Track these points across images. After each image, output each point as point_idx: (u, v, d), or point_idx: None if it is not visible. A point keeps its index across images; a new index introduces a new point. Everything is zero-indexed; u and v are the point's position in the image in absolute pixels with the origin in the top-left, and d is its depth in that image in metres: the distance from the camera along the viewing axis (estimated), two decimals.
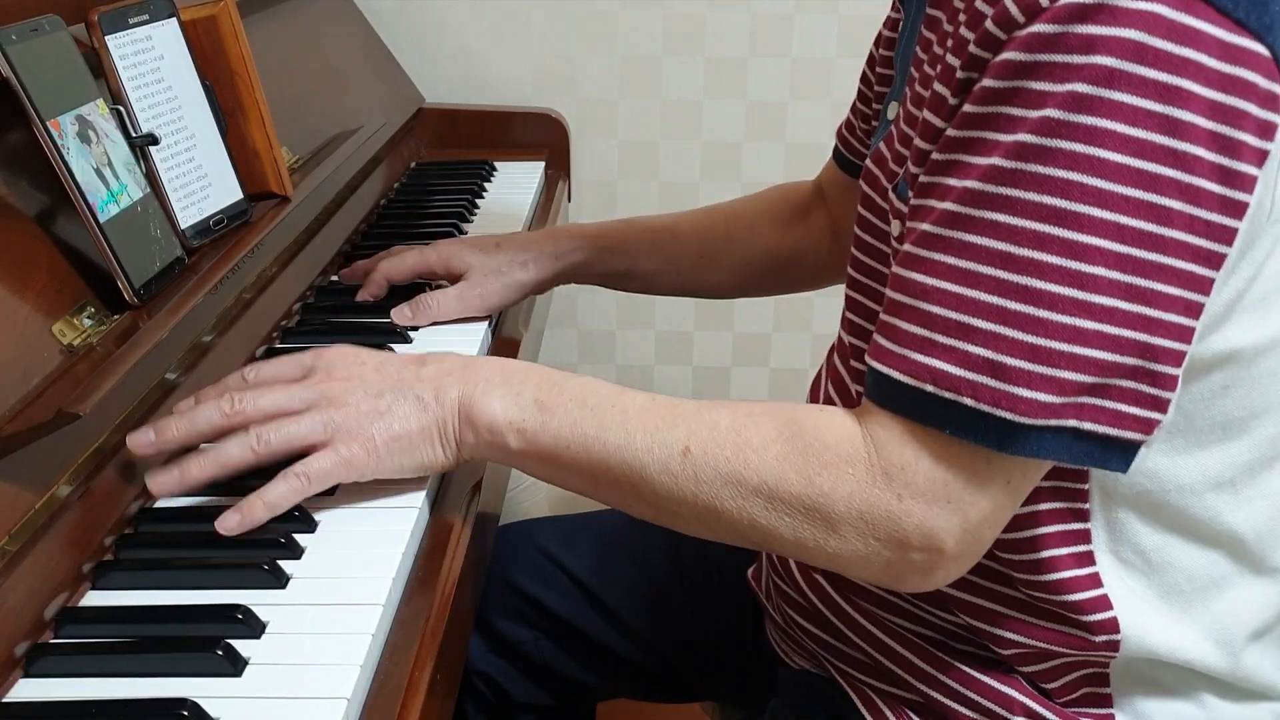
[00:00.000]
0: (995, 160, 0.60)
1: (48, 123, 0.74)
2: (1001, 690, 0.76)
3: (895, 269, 0.65)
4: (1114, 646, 0.72)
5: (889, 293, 0.65)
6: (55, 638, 0.65)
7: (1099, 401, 0.61)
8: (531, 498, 1.73)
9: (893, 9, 0.90)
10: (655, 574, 1.05)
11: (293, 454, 0.73)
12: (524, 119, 1.65)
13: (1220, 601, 0.74)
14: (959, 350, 0.61)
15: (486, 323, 1.06)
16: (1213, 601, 0.74)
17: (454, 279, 1.06)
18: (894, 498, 0.64)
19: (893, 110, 0.79)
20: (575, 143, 1.68)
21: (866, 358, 0.67)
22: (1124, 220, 0.59)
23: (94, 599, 0.69)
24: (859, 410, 0.67)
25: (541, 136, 1.64)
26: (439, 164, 1.55)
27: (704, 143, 1.75)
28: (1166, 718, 0.76)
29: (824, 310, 1.83)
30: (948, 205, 0.62)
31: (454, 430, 0.74)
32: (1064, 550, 0.71)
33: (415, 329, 1.04)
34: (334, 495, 0.77)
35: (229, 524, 0.71)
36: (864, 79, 0.97)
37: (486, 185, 1.48)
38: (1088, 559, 0.71)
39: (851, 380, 0.82)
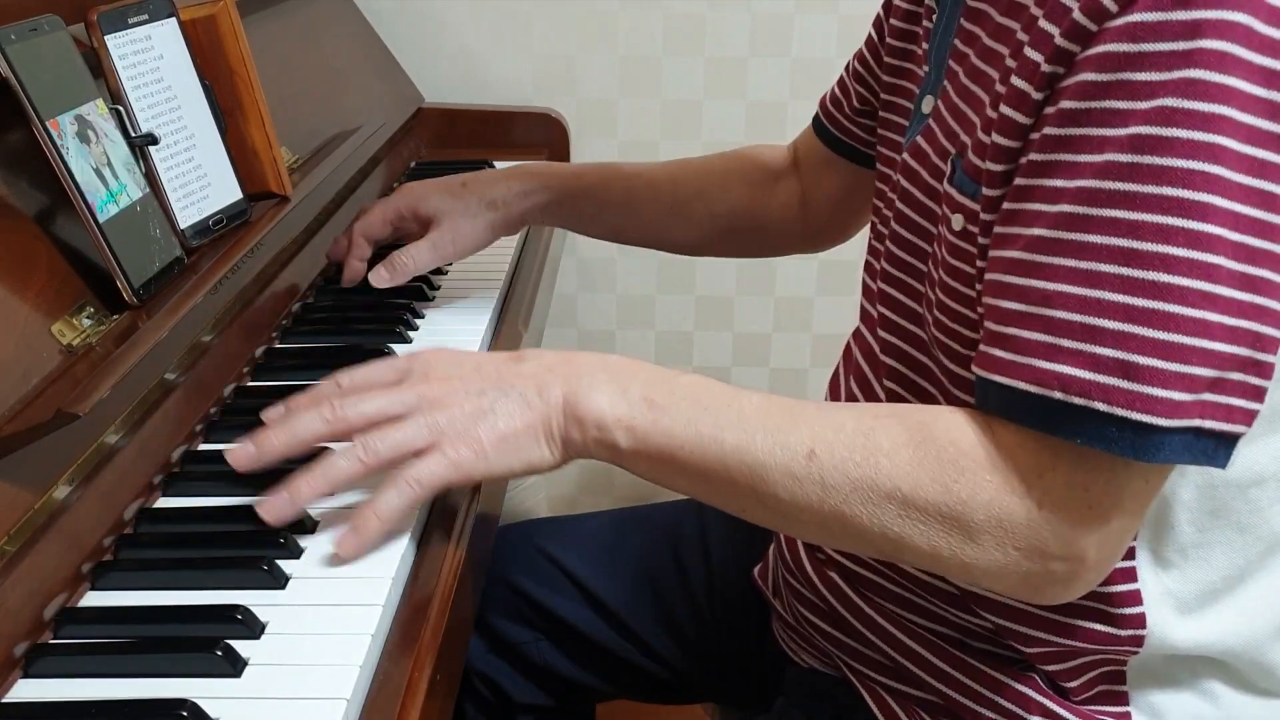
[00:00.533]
0: (1109, 156, 0.58)
1: (47, 123, 0.74)
2: (1019, 689, 0.76)
3: (1001, 277, 0.63)
4: (1138, 643, 0.72)
5: (998, 302, 0.63)
6: (55, 638, 0.65)
7: (1216, 397, 0.59)
8: (531, 497, 1.72)
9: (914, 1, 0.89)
10: (657, 574, 1.05)
11: (400, 461, 0.71)
12: (524, 119, 1.65)
13: (1246, 594, 0.74)
14: (1087, 353, 0.59)
15: (486, 323, 1.06)
16: (1239, 594, 0.73)
17: (424, 224, 1.05)
18: (1033, 505, 0.62)
19: (928, 104, 0.78)
20: (575, 143, 1.68)
21: (977, 370, 0.64)
22: (1239, 208, 0.57)
23: (93, 599, 0.69)
24: (985, 416, 0.65)
25: (541, 136, 1.64)
26: (439, 164, 1.55)
27: (704, 143, 1.75)
28: (1182, 714, 0.76)
29: (824, 310, 1.83)
30: (1062, 207, 0.60)
31: (559, 428, 0.71)
32: None
33: (415, 328, 1.04)
34: (333, 496, 0.77)
35: (348, 548, 0.69)
36: (864, 64, 0.96)
37: None
38: (1129, 554, 0.70)
39: (880, 378, 0.81)
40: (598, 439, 0.70)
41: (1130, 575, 0.71)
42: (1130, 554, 0.71)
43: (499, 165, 1.55)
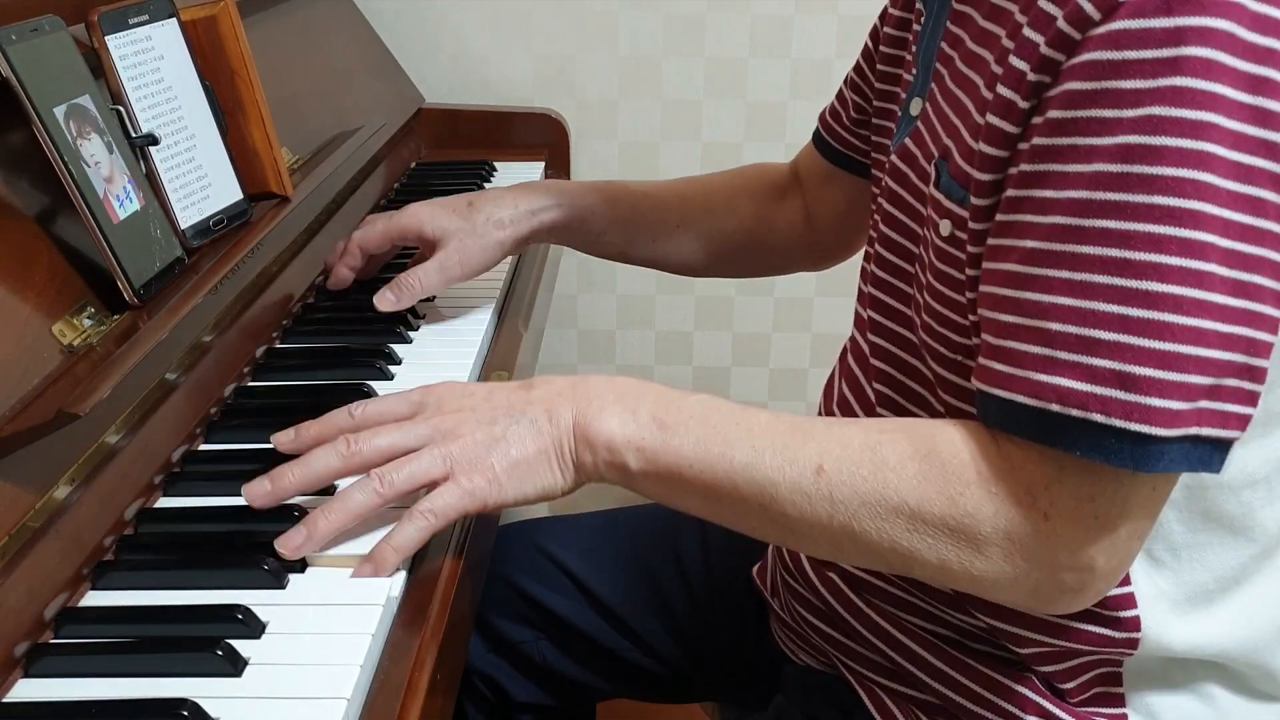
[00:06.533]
0: (1098, 165, 0.58)
1: (47, 123, 0.74)
2: (1016, 689, 0.76)
3: (998, 290, 0.63)
4: (1133, 644, 0.72)
5: (995, 315, 0.63)
6: (55, 638, 0.65)
7: (1212, 404, 0.59)
8: None
9: (896, 6, 0.89)
10: (656, 574, 1.05)
11: (415, 492, 0.72)
12: (524, 119, 1.65)
13: (1241, 598, 0.74)
14: (1083, 365, 0.59)
15: (487, 322, 1.06)
16: (1234, 598, 0.73)
17: (429, 245, 1.04)
18: (1040, 517, 0.62)
19: (916, 107, 0.78)
20: (575, 143, 1.68)
21: (977, 383, 0.64)
22: (1229, 215, 0.57)
23: (94, 599, 0.69)
24: (985, 430, 0.65)
25: (541, 137, 1.64)
26: (439, 164, 1.55)
27: (704, 143, 1.75)
28: (1178, 716, 0.76)
29: (824, 310, 1.83)
30: (1054, 219, 0.60)
31: (571, 451, 0.72)
32: None
33: (415, 328, 1.04)
34: (334, 494, 0.77)
35: (365, 574, 0.69)
36: (860, 72, 0.97)
37: (486, 186, 1.48)
38: None
39: (871, 380, 0.81)
40: (609, 461, 0.71)
41: (1124, 578, 0.71)
42: None
43: (499, 165, 1.55)
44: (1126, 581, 0.71)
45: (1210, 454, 0.60)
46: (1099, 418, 0.58)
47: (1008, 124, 0.63)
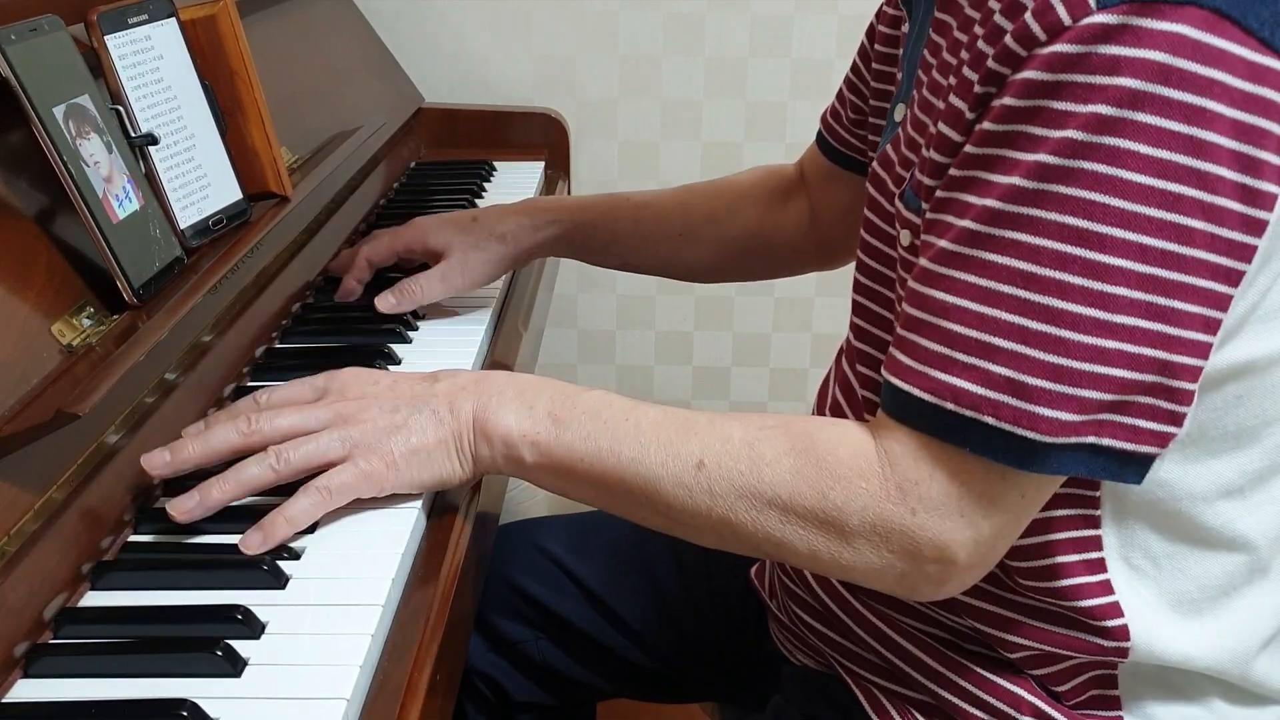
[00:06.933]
0: (1016, 180, 0.60)
1: (47, 123, 0.74)
2: (1011, 690, 0.76)
3: (913, 284, 0.65)
4: (1124, 652, 0.72)
5: (907, 308, 0.65)
6: (55, 638, 0.65)
7: (1117, 418, 0.61)
8: (531, 497, 1.72)
9: (891, 5, 0.89)
10: (656, 573, 1.05)
11: (312, 471, 0.73)
12: (524, 119, 1.65)
13: (1231, 609, 0.74)
14: (980, 369, 0.61)
15: (487, 322, 1.06)
16: (1223, 610, 0.73)
17: (433, 257, 1.06)
18: (908, 512, 0.64)
19: (900, 112, 0.78)
20: (575, 143, 1.68)
21: (883, 372, 0.67)
22: (1147, 240, 0.59)
23: (93, 599, 0.69)
24: (873, 423, 0.68)
25: (541, 137, 1.64)
26: (439, 164, 1.55)
27: (704, 143, 1.75)
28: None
29: (824, 310, 1.83)
30: (967, 223, 0.62)
31: (469, 443, 0.74)
32: (1075, 557, 0.71)
33: (415, 328, 1.04)
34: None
35: (252, 543, 0.70)
36: (856, 71, 0.97)
37: (486, 185, 1.48)
38: (1099, 566, 0.71)
39: (859, 385, 0.81)
40: (505, 454, 0.74)
41: (1106, 588, 0.71)
42: (1101, 567, 0.71)
43: (499, 165, 1.55)
44: (1109, 591, 0.71)
45: (1119, 465, 0.63)
46: (990, 420, 0.61)
47: (955, 133, 0.64)
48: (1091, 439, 0.61)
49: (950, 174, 0.64)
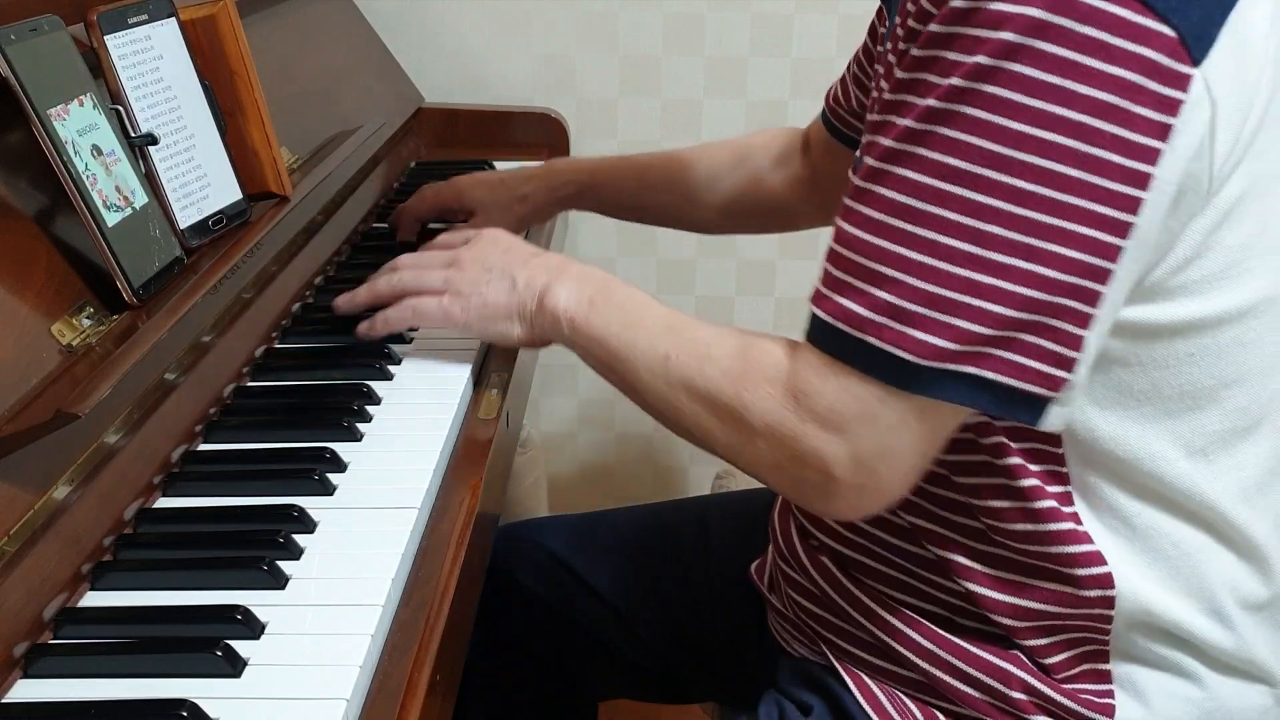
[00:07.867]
0: (908, 122, 0.65)
1: (47, 123, 0.74)
2: (1002, 666, 0.77)
3: (836, 218, 0.71)
4: (1109, 604, 0.74)
5: (830, 242, 0.71)
6: (54, 638, 0.65)
7: (1000, 353, 0.65)
8: (531, 497, 1.72)
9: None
10: (657, 574, 1.05)
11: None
12: (524, 119, 1.65)
13: (1208, 572, 0.75)
14: (868, 294, 0.66)
15: None
16: (1201, 571, 0.75)
17: (467, 213, 1.23)
18: (798, 420, 0.70)
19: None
20: (575, 143, 1.68)
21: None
22: (1019, 184, 0.63)
23: (93, 599, 0.69)
24: (798, 343, 0.73)
25: (541, 136, 1.64)
26: (439, 164, 1.55)
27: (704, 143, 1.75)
28: (1165, 695, 0.77)
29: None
30: (869, 160, 0.67)
31: (531, 312, 0.88)
32: (1052, 505, 0.73)
33: (415, 328, 1.03)
34: (333, 495, 0.77)
35: (360, 329, 0.95)
36: (858, 63, 1.03)
37: None
38: (1075, 518, 0.74)
39: None
40: (552, 326, 0.87)
41: (1085, 537, 0.73)
42: (1077, 519, 0.74)
43: (499, 165, 1.55)
44: (1087, 539, 0.73)
45: (1009, 401, 0.66)
46: (874, 341, 0.66)
47: (888, 92, 0.69)
48: (972, 369, 0.65)
49: (869, 118, 0.71)
